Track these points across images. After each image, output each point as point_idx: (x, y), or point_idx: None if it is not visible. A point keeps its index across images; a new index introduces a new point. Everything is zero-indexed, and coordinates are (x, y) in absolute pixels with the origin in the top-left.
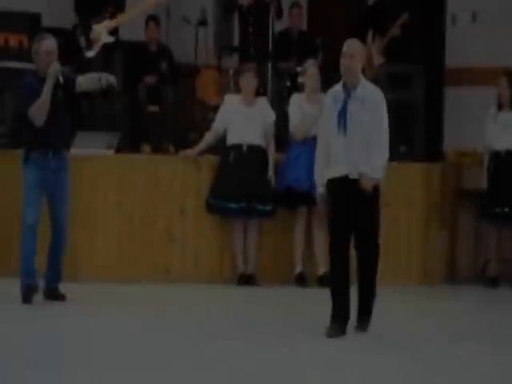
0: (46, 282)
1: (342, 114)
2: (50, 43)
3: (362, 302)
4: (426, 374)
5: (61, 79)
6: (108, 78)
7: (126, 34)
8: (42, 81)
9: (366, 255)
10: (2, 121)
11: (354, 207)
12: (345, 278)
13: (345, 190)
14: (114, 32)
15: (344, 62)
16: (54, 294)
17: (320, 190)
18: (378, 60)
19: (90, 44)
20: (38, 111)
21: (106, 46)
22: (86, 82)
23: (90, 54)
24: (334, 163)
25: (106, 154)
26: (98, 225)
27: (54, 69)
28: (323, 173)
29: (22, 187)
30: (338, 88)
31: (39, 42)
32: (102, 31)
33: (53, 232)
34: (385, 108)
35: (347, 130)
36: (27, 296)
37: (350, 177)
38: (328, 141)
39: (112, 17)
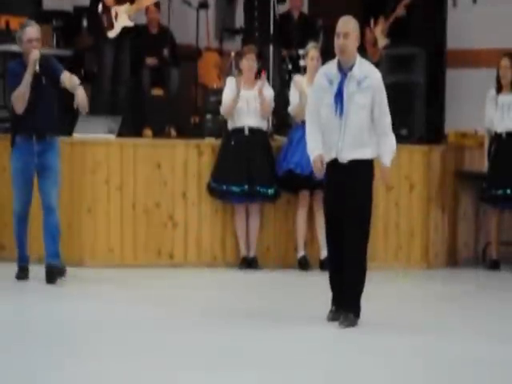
0: (45, 260)
1: (339, 96)
2: (32, 31)
3: (347, 290)
4: (425, 357)
5: (37, 68)
6: (81, 103)
7: None
8: (25, 67)
9: (352, 241)
10: (4, 105)
11: (345, 192)
12: (342, 263)
13: (338, 175)
14: (131, 18)
15: (338, 41)
16: (53, 270)
17: (316, 152)
18: (383, 42)
19: (111, 24)
20: (17, 99)
21: (124, 30)
22: (68, 83)
23: (112, 34)
24: (327, 146)
25: (108, 138)
26: (100, 210)
27: (34, 58)
28: (317, 138)
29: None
30: (332, 68)
31: (23, 29)
32: (122, 14)
33: (43, 214)
34: (383, 88)
35: (343, 111)
36: (21, 275)
37: (341, 161)
38: (321, 121)
39: (132, 2)
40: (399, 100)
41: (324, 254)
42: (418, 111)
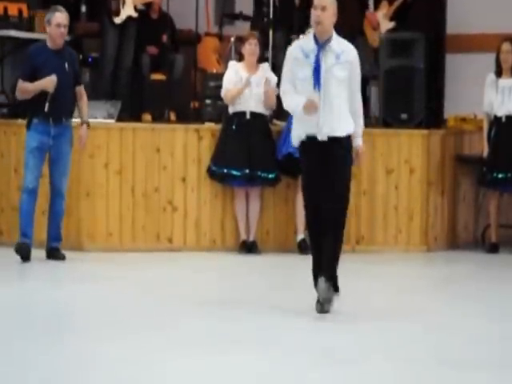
0: (47, 243)
1: (317, 70)
2: (62, 16)
3: (324, 267)
4: (426, 338)
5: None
6: (82, 140)
7: None
8: (50, 51)
9: (330, 217)
10: (2, 91)
11: (324, 170)
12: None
13: (316, 153)
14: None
15: (315, 13)
16: (54, 254)
17: (302, 101)
18: (387, 25)
19: (117, 11)
20: (22, 93)
21: (129, 19)
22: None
23: (117, 20)
24: (305, 123)
25: (107, 123)
26: (99, 194)
27: (50, 84)
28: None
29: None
30: (308, 41)
31: (53, 12)
32: (129, 3)
33: (51, 197)
34: (359, 68)
35: (321, 85)
36: (21, 251)
37: (319, 139)
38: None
39: None
40: (399, 85)
41: None
42: (417, 96)
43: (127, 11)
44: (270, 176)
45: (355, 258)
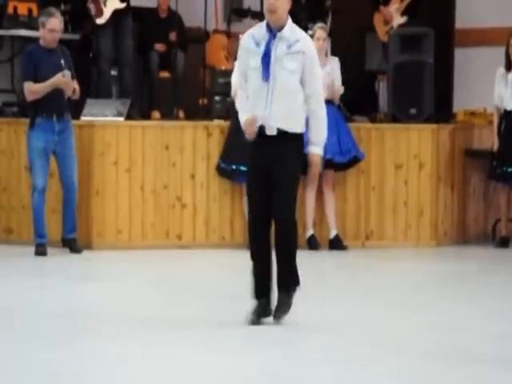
0: (63, 234)
1: (265, 58)
2: (57, 22)
3: (279, 283)
4: (434, 333)
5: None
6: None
7: (137, 1)
8: (44, 51)
9: (279, 230)
10: (12, 89)
11: (268, 166)
12: (264, 255)
13: (265, 147)
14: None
15: (269, 1)
16: (72, 245)
17: (245, 116)
18: (399, 20)
19: (99, 11)
20: (31, 94)
21: (117, 13)
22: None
23: (101, 21)
24: (250, 110)
25: (117, 120)
26: (108, 192)
27: (61, 79)
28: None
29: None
30: (260, 30)
31: (48, 17)
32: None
33: (63, 191)
34: (316, 57)
35: (270, 76)
36: (40, 252)
37: (268, 133)
38: (248, 86)
39: None
40: (408, 79)
41: (333, 233)
42: (426, 90)
43: (111, 6)
44: None
45: (365, 254)
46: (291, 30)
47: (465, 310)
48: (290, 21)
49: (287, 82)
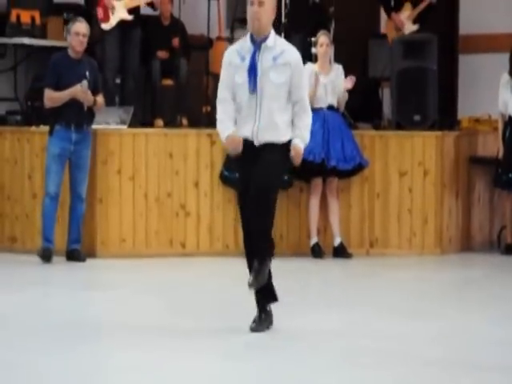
0: (67, 244)
1: (252, 70)
2: (81, 26)
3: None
4: (440, 341)
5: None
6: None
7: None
8: (70, 60)
9: (254, 195)
10: (15, 98)
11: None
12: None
13: (251, 157)
14: (132, 11)
15: (252, 9)
16: (75, 255)
17: (226, 132)
18: (410, 28)
19: (106, 17)
20: (51, 101)
21: (124, 23)
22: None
23: (106, 26)
24: (242, 128)
25: (120, 129)
26: (112, 200)
27: (79, 89)
28: (227, 118)
29: (38, 164)
30: (244, 43)
31: (73, 22)
32: (119, 7)
33: (71, 201)
34: (302, 67)
35: (257, 88)
36: (45, 256)
37: (256, 144)
38: (236, 99)
39: None
40: (412, 86)
41: (337, 240)
42: (430, 97)
43: (118, 15)
44: (283, 179)
45: (369, 262)
46: (275, 40)
47: (470, 318)
48: (272, 31)
49: (275, 96)
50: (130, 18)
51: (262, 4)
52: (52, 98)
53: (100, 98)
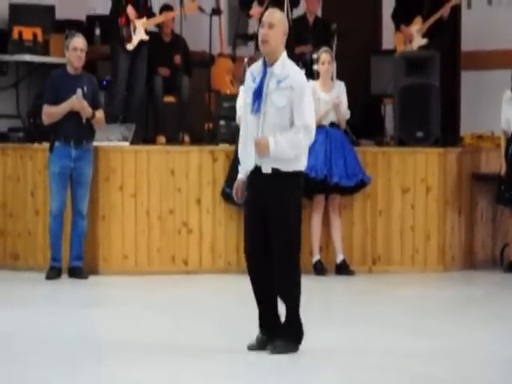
0: (69, 262)
1: (256, 94)
2: (79, 41)
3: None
4: (443, 359)
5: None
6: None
7: None
8: (69, 76)
9: (278, 278)
10: (18, 115)
11: (266, 205)
12: (263, 284)
13: (260, 184)
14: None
15: (262, 31)
16: (77, 272)
17: (239, 175)
18: (419, 42)
19: (129, 38)
20: (48, 117)
21: (140, 43)
22: (96, 123)
23: (130, 46)
24: (250, 152)
25: (122, 145)
26: (114, 217)
27: (74, 100)
28: (243, 157)
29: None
30: (258, 65)
31: (71, 37)
32: (140, 28)
33: (72, 218)
34: (306, 92)
35: (261, 112)
36: (50, 275)
37: (264, 171)
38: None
39: (149, 16)
40: (415, 103)
41: (340, 257)
42: (433, 113)
43: (139, 36)
44: None
45: (372, 279)
46: (283, 65)
47: (473, 335)
48: (283, 54)
49: (277, 120)
50: (146, 38)
51: (272, 26)
52: (49, 113)
53: (99, 113)
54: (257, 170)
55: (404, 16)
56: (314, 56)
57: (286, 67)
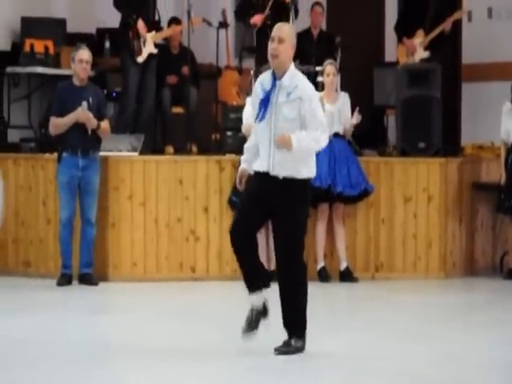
0: (79, 269)
1: (263, 103)
2: (84, 53)
3: (286, 309)
4: (441, 363)
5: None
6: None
7: None
8: (75, 88)
9: (285, 281)
10: (29, 126)
11: (270, 207)
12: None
13: (265, 185)
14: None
15: (272, 45)
16: (87, 279)
17: (243, 165)
18: (421, 54)
19: (139, 50)
20: (55, 128)
21: (149, 56)
22: (102, 134)
23: (140, 59)
24: (261, 158)
25: (131, 155)
26: (124, 225)
27: (79, 111)
28: (249, 151)
29: (52, 190)
30: (268, 75)
31: (77, 50)
32: (149, 41)
33: (82, 226)
34: (314, 101)
35: (271, 122)
36: (61, 282)
37: (271, 173)
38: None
39: (158, 30)
40: (417, 114)
41: (344, 265)
42: (434, 124)
43: (148, 49)
44: None
45: (375, 285)
46: (291, 77)
47: (473, 341)
48: (292, 66)
49: (287, 130)
50: (155, 51)
51: (282, 41)
52: (56, 124)
53: (105, 124)
54: (266, 176)
55: (406, 29)
56: (319, 68)
57: (294, 78)
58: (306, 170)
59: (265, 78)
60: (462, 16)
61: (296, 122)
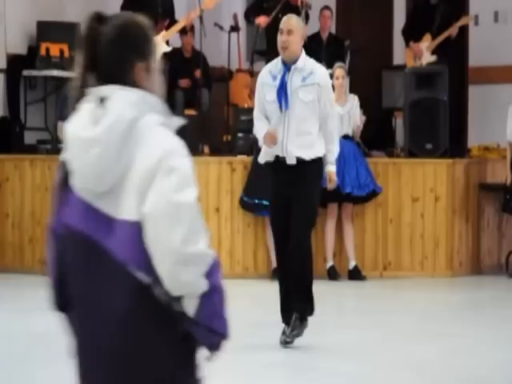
0: None
1: (281, 90)
2: None
3: (294, 307)
4: (448, 359)
5: None
6: None
7: None
8: None
9: (292, 256)
10: (45, 128)
11: (291, 193)
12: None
13: (285, 175)
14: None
15: (281, 38)
16: None
17: (263, 132)
18: (428, 58)
19: None
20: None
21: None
22: None
23: None
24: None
25: None
26: None
27: None
28: (263, 127)
29: None
30: (277, 64)
31: None
32: (160, 39)
33: None
34: (330, 87)
35: (288, 107)
36: None
37: (288, 162)
38: (268, 117)
39: (168, 28)
40: (424, 116)
41: (352, 264)
42: (442, 126)
43: (160, 49)
44: None
45: (383, 284)
46: (305, 61)
47: (479, 338)
48: (303, 53)
49: (303, 114)
50: (169, 49)
51: (290, 33)
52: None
53: None
54: (281, 160)
55: (414, 33)
56: (329, 71)
57: (308, 63)
58: (318, 149)
59: (273, 66)
60: (469, 22)
61: (312, 105)
